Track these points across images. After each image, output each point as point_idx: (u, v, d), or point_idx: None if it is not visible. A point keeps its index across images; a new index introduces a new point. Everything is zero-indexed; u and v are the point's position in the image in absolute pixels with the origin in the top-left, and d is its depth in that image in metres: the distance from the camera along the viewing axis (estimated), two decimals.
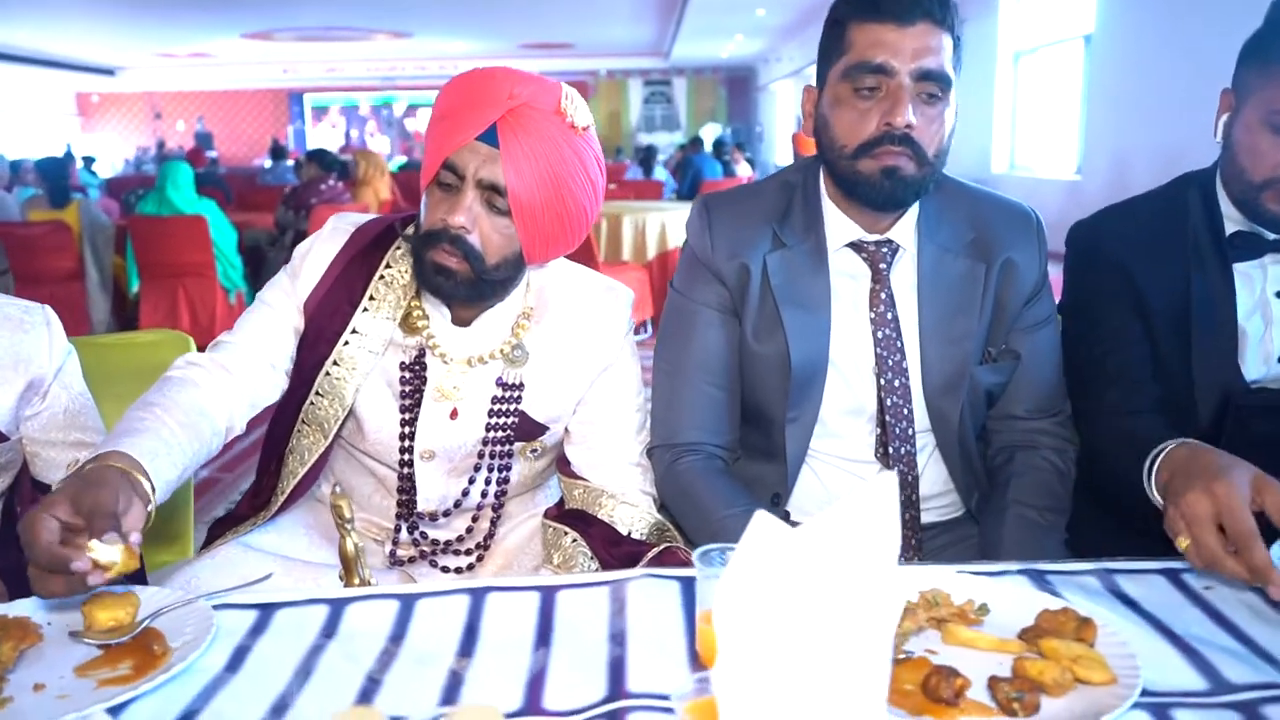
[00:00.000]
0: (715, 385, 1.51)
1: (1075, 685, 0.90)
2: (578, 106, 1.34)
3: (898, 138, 1.34)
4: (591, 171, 1.37)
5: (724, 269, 1.49)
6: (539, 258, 1.41)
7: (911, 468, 1.49)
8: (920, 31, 1.33)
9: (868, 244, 1.48)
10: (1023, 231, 1.53)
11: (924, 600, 1.04)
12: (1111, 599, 1.10)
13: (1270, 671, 0.94)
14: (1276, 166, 1.39)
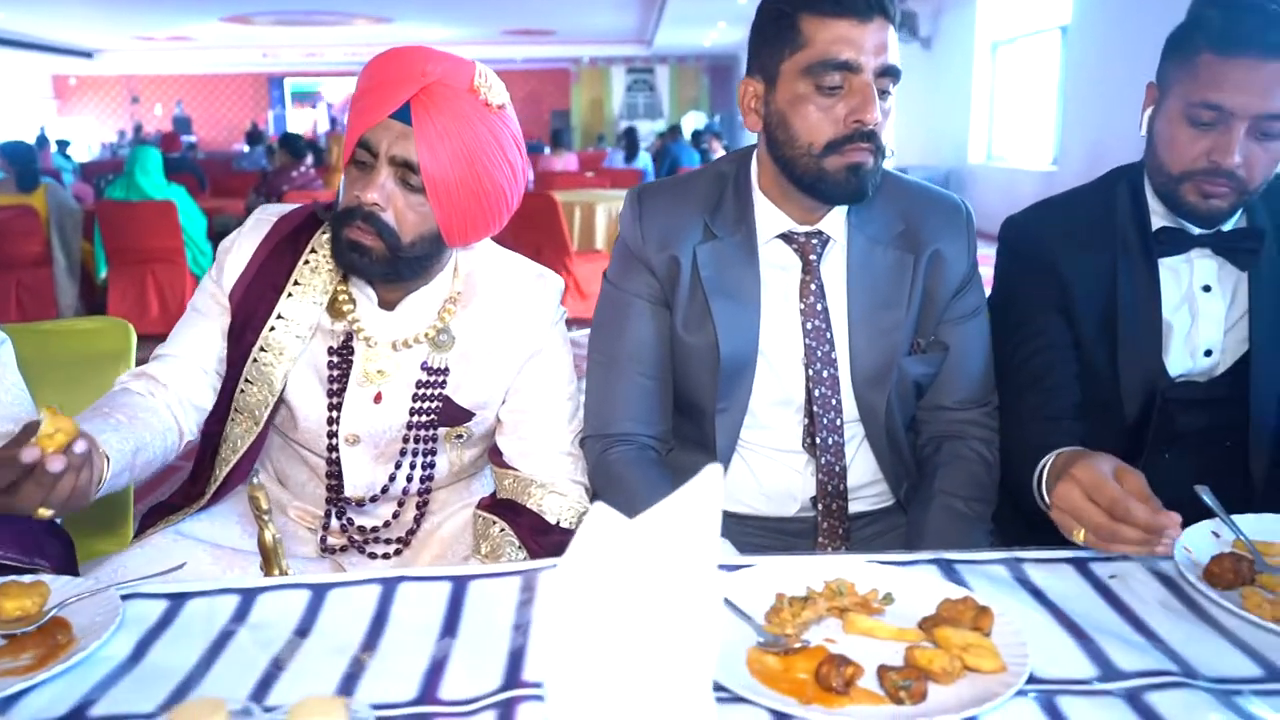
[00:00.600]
0: (647, 376, 1.52)
1: (965, 673, 0.91)
2: (492, 85, 1.35)
3: (865, 134, 1.35)
4: (509, 151, 1.37)
5: (654, 260, 1.49)
6: (459, 239, 1.41)
7: (839, 458, 1.50)
8: (878, 26, 1.33)
9: (798, 235, 1.48)
10: (952, 223, 1.53)
11: (828, 589, 1.05)
12: (1017, 588, 1.11)
13: (1161, 659, 0.96)
14: (1195, 159, 1.40)
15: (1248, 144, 1.37)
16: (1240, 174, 1.38)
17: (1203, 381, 1.56)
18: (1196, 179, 1.41)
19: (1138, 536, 1.07)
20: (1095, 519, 1.10)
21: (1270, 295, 1.51)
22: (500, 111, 1.35)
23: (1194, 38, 1.39)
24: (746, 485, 1.54)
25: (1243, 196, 1.41)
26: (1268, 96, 1.33)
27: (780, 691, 0.89)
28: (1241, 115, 1.35)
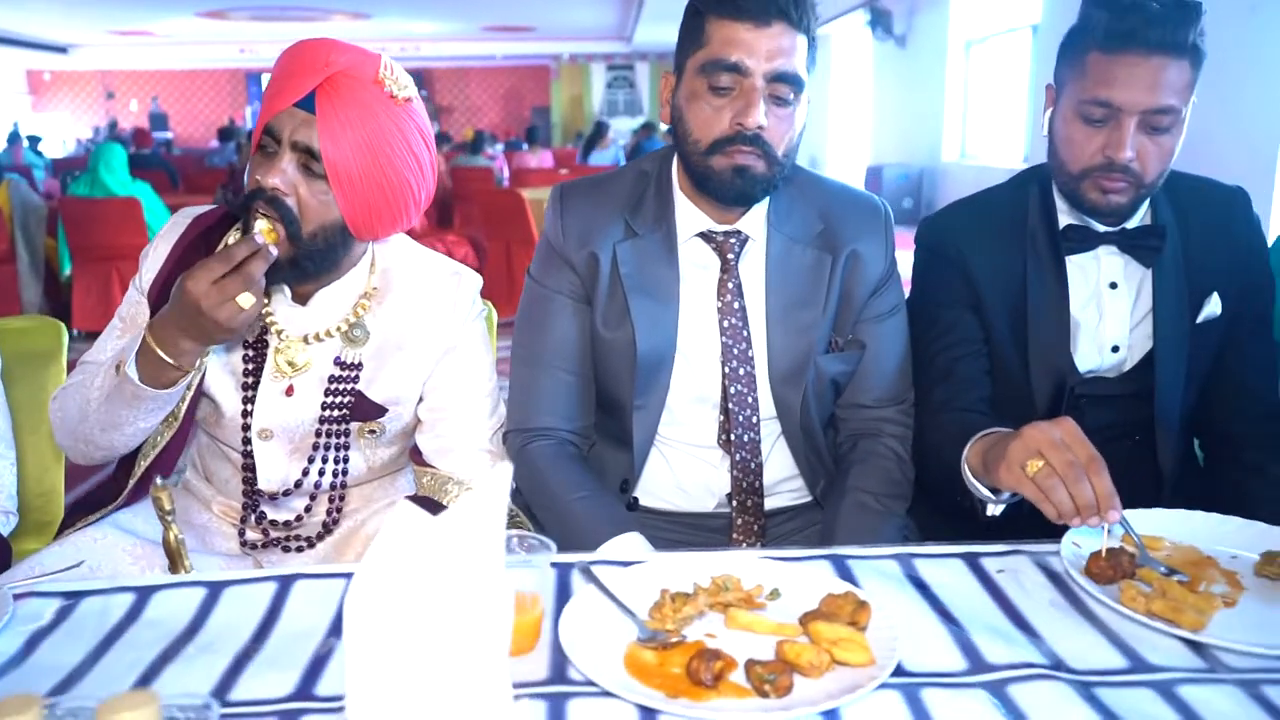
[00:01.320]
0: (568, 371, 1.53)
1: (833, 667, 0.93)
2: (397, 77, 1.36)
3: (749, 138, 1.37)
4: (414, 144, 1.38)
5: (574, 257, 1.51)
6: (367, 232, 1.41)
7: (755, 454, 1.51)
8: (776, 32, 1.35)
9: (716, 234, 1.49)
10: (870, 223, 1.55)
11: (714, 585, 1.07)
12: (905, 583, 1.13)
13: (1031, 652, 0.98)
14: (1091, 155, 1.43)
15: (1139, 138, 1.40)
16: (1135, 168, 1.41)
17: (1112, 377, 1.59)
18: (1095, 175, 1.44)
19: (1088, 500, 1.08)
20: (1065, 457, 1.10)
21: (1172, 291, 1.54)
22: (406, 104, 1.36)
23: (1083, 38, 1.43)
24: (664, 481, 1.56)
25: (1141, 191, 1.44)
26: (1154, 91, 1.37)
27: (651, 686, 0.91)
28: (1130, 110, 1.38)
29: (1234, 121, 6.15)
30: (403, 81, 1.37)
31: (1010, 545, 1.21)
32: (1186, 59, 1.38)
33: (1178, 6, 1.38)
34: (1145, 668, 0.96)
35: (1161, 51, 1.36)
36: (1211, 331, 1.57)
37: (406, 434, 1.57)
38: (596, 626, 1.00)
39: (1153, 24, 1.36)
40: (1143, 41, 1.36)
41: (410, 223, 1.47)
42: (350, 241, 1.43)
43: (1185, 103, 1.40)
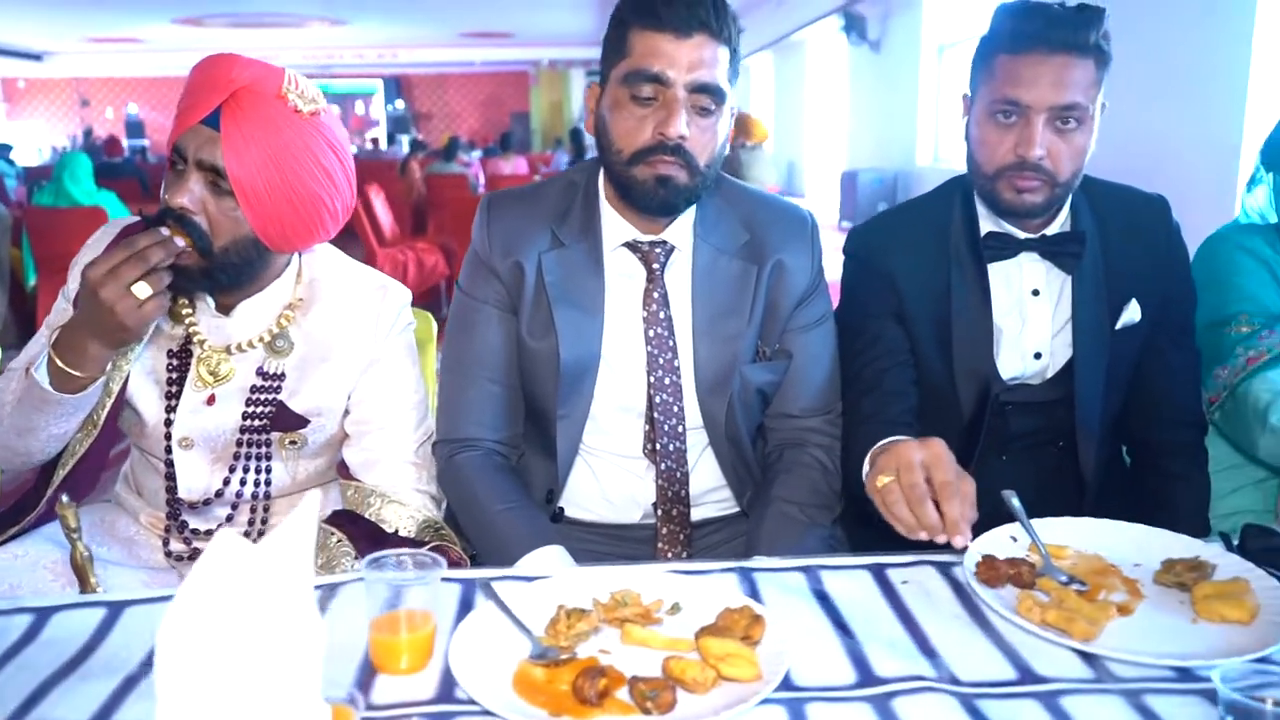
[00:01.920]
0: (494, 381, 1.53)
1: (720, 683, 0.93)
2: (302, 91, 1.36)
3: (670, 148, 1.37)
4: (322, 158, 1.38)
5: (499, 267, 1.51)
6: (282, 244, 1.41)
7: (681, 464, 1.52)
8: (697, 44, 1.35)
9: (642, 244, 1.50)
10: (796, 234, 1.56)
11: (613, 600, 1.07)
12: (808, 596, 1.13)
13: (921, 664, 0.98)
14: (1004, 155, 1.45)
15: (1049, 136, 1.42)
16: (1047, 166, 1.43)
17: (1035, 384, 1.60)
18: (1008, 175, 1.46)
19: (931, 521, 1.10)
20: (911, 479, 1.11)
21: (1091, 298, 1.55)
22: (312, 118, 1.36)
23: (991, 44, 1.47)
24: (590, 491, 1.56)
25: (1055, 190, 1.46)
26: (1058, 89, 1.40)
27: (537, 704, 0.91)
28: (1038, 107, 1.40)
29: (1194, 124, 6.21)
30: (309, 95, 1.36)
31: (917, 556, 1.22)
32: (1090, 59, 1.41)
33: (1079, 10, 1.42)
34: (1033, 679, 0.96)
35: (1064, 50, 1.39)
36: (1132, 338, 1.58)
37: (333, 447, 1.57)
38: (491, 643, 1.00)
39: (1055, 25, 1.39)
40: (1045, 41, 1.39)
41: (328, 234, 1.47)
42: (268, 254, 1.43)
43: (1092, 101, 1.43)
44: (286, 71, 1.36)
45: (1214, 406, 1.69)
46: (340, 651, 1.00)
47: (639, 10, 1.37)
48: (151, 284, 1.25)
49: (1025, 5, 1.45)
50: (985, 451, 1.59)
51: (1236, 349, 1.64)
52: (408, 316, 1.59)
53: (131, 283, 1.23)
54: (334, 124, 1.42)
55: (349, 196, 1.46)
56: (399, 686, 0.95)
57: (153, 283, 1.25)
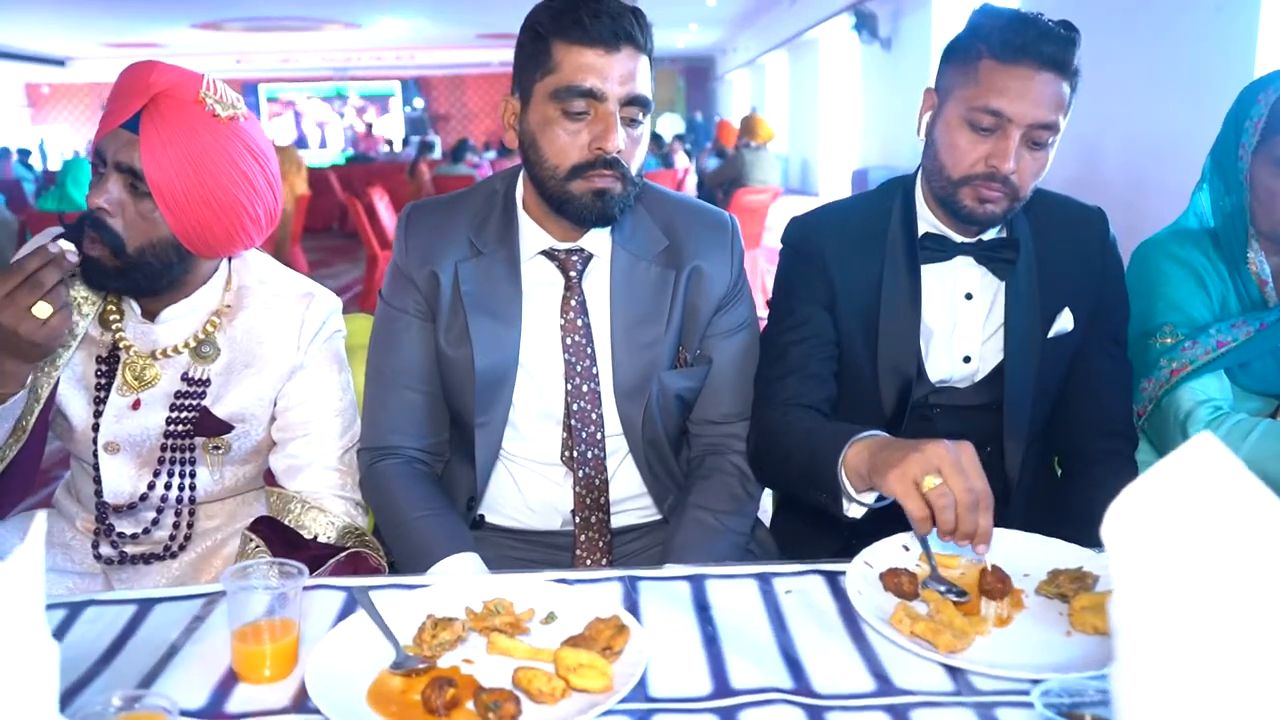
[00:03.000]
0: (415, 390, 1.54)
1: (570, 693, 0.94)
2: (220, 96, 1.39)
3: (608, 161, 1.37)
4: (241, 161, 1.40)
5: (417, 277, 1.51)
6: (204, 249, 1.44)
7: (600, 471, 1.52)
8: (625, 56, 1.36)
9: (559, 252, 1.50)
10: (715, 240, 1.56)
11: (486, 609, 1.07)
12: (688, 605, 1.13)
13: (780, 675, 0.98)
14: (975, 163, 1.43)
15: (1021, 151, 1.41)
16: (1014, 180, 1.42)
17: (963, 387, 1.59)
18: (975, 183, 1.44)
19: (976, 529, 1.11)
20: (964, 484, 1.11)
21: (1024, 305, 1.54)
22: (229, 123, 1.39)
23: (975, 45, 1.42)
24: (511, 498, 1.56)
25: (1014, 203, 1.45)
26: (1041, 105, 1.38)
27: (385, 713, 0.92)
28: (1019, 122, 1.39)
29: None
30: (227, 100, 1.39)
31: (807, 565, 1.22)
32: (1068, 80, 1.40)
33: (1064, 28, 1.39)
34: (890, 691, 0.96)
35: (1051, 68, 1.38)
36: (1063, 347, 1.57)
37: (260, 454, 1.58)
38: (357, 652, 1.01)
39: (1046, 40, 1.37)
40: (1036, 55, 1.37)
41: (251, 240, 1.49)
42: (191, 259, 1.45)
43: (1064, 120, 1.42)
44: (205, 77, 1.39)
45: (1141, 419, 1.67)
46: (205, 661, 1.02)
47: (561, 24, 1.36)
48: (50, 302, 1.27)
49: (1015, 14, 1.42)
50: None
51: (1161, 361, 1.63)
52: (336, 324, 1.60)
53: (29, 306, 1.25)
54: (254, 130, 1.44)
55: (271, 202, 1.48)
56: (256, 695, 0.96)
57: (51, 300, 1.27)
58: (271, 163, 1.46)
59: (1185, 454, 0.53)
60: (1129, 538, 0.53)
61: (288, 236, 6.90)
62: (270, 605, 0.99)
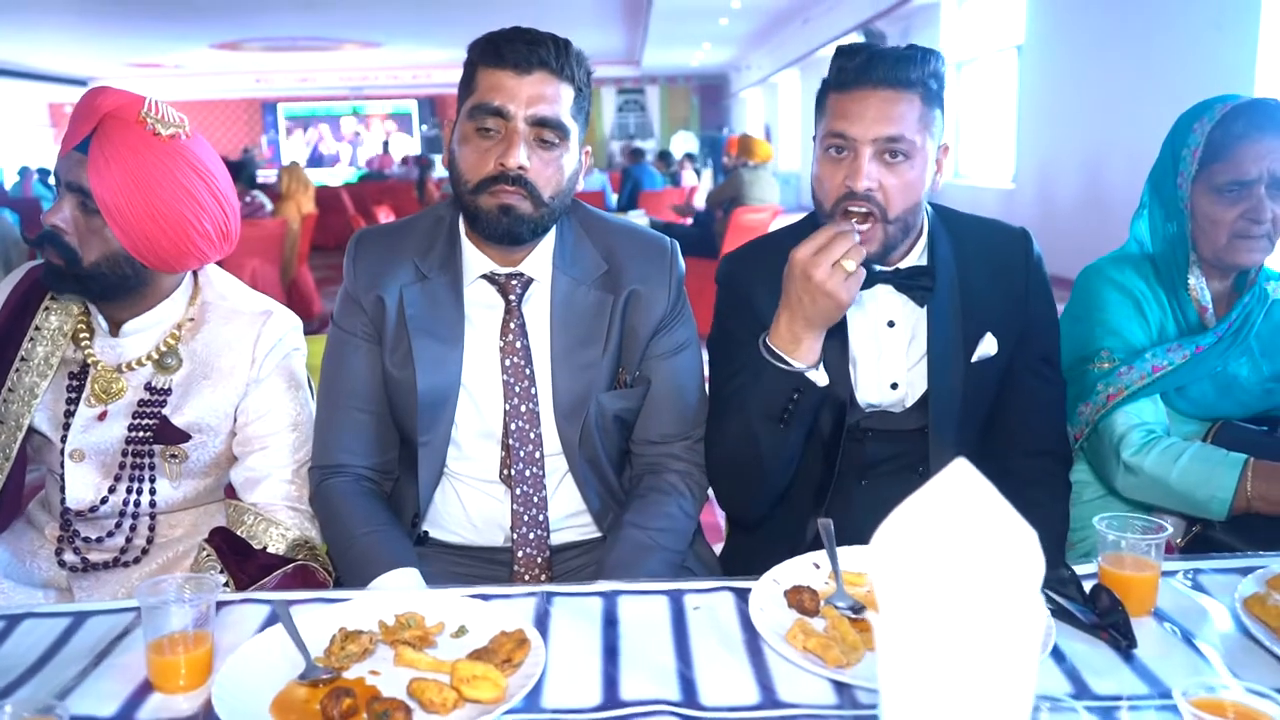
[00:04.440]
0: (362, 410, 1.59)
1: (462, 703, 0.98)
2: (161, 116, 1.48)
3: (511, 178, 1.43)
4: (184, 179, 1.48)
5: (364, 301, 1.57)
6: (158, 262, 1.51)
7: (538, 490, 1.56)
8: (537, 80, 1.43)
9: (500, 276, 1.55)
10: (655, 264, 1.60)
11: (398, 622, 1.12)
12: (595, 620, 1.17)
13: (670, 688, 1.02)
14: (837, 188, 1.48)
15: (877, 169, 1.45)
16: (878, 198, 1.46)
17: (896, 412, 1.62)
18: (844, 206, 1.48)
19: None
20: None
21: (945, 331, 1.57)
22: (171, 142, 1.47)
23: (825, 84, 1.50)
24: (455, 514, 1.60)
25: (888, 227, 1.48)
26: (881, 122, 1.43)
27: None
28: (863, 140, 1.44)
29: None
30: (168, 120, 1.48)
31: (719, 583, 1.26)
32: (916, 94, 1.44)
33: (906, 48, 1.46)
34: (774, 704, 1.00)
35: (887, 85, 1.43)
36: (988, 370, 1.60)
37: (220, 467, 1.64)
38: (269, 663, 1.05)
39: (877, 62, 1.44)
40: (868, 78, 1.44)
41: (206, 254, 1.56)
42: (148, 272, 1.53)
43: (919, 135, 1.45)
44: (147, 99, 1.48)
45: (1079, 442, 1.70)
46: (125, 671, 1.07)
47: (485, 51, 1.46)
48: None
49: (854, 45, 1.49)
50: (844, 476, 1.61)
51: (1098, 385, 1.66)
52: (293, 341, 1.66)
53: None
54: (198, 148, 1.52)
55: (221, 217, 1.54)
56: (166, 704, 1.01)
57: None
58: (219, 180, 1.53)
59: (945, 478, 0.57)
60: (890, 559, 0.57)
61: (294, 255, 7.00)
62: (184, 618, 1.04)
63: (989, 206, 10.14)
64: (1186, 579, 1.26)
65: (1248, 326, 1.69)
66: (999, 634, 0.54)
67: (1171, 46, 6.88)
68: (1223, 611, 1.17)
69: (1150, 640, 1.11)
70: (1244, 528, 1.55)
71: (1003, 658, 0.54)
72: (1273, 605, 1.11)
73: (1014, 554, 0.55)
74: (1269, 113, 1.62)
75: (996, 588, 0.54)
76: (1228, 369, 1.68)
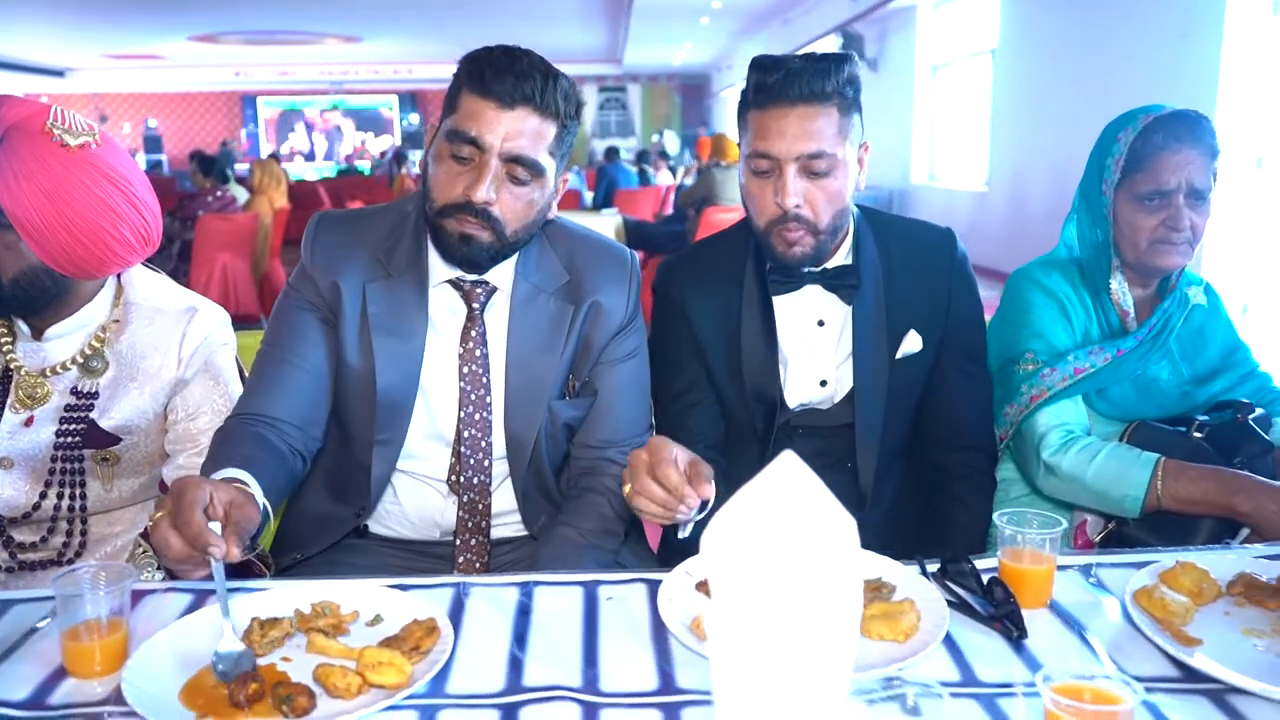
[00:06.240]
0: (296, 366, 1.53)
1: (366, 688, 1.01)
2: (69, 126, 1.45)
3: (476, 210, 1.42)
4: (97, 188, 1.46)
5: (320, 282, 1.54)
6: (76, 271, 1.50)
7: (484, 496, 1.57)
8: (519, 116, 1.40)
9: (464, 283, 1.54)
10: (615, 274, 1.60)
11: (314, 610, 1.15)
12: (508, 610, 1.20)
13: (572, 674, 1.05)
14: (770, 208, 1.51)
15: (804, 185, 1.49)
16: (805, 215, 1.50)
17: (825, 409, 1.66)
18: (777, 229, 1.52)
19: (662, 496, 1.21)
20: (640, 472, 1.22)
21: (870, 329, 1.62)
22: (80, 151, 1.45)
23: (744, 100, 1.53)
24: (395, 512, 1.62)
25: (819, 236, 1.52)
26: (801, 139, 1.47)
27: (193, 707, 0.99)
28: (786, 158, 1.47)
29: None
30: (76, 129, 1.45)
31: (633, 575, 1.29)
32: (833, 106, 1.48)
33: (819, 60, 1.48)
34: (670, 690, 1.03)
35: (804, 101, 1.46)
36: (913, 367, 1.64)
37: (152, 463, 1.65)
38: (184, 649, 1.08)
39: (792, 78, 1.46)
40: (785, 95, 1.47)
41: (127, 260, 1.55)
42: (67, 281, 1.52)
43: (841, 146, 1.49)
44: (53, 108, 1.45)
45: (1005, 442, 1.74)
46: (41, 658, 1.09)
47: (471, 74, 1.42)
48: None
49: (769, 59, 1.52)
50: None
51: (1022, 387, 1.70)
52: (221, 337, 1.66)
53: None
54: (111, 155, 1.49)
55: (140, 224, 1.53)
56: (78, 689, 1.03)
57: None
58: (135, 185, 1.51)
59: (773, 470, 0.61)
60: (720, 548, 0.61)
61: (266, 249, 6.99)
62: (99, 606, 1.06)
63: (962, 209, 10.22)
64: (1086, 573, 1.30)
65: (1168, 330, 1.74)
66: (818, 616, 0.58)
67: (1139, 54, 6.97)
68: (1115, 604, 1.21)
69: (1042, 631, 1.16)
70: (1157, 525, 1.60)
71: (822, 638, 0.57)
72: (1159, 598, 1.16)
73: (834, 542, 0.58)
74: (1189, 124, 1.67)
75: (816, 574, 0.58)
76: (1148, 372, 1.73)
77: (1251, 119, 6.18)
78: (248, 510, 1.19)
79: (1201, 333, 1.80)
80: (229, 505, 1.16)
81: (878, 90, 12.78)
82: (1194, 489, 1.53)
